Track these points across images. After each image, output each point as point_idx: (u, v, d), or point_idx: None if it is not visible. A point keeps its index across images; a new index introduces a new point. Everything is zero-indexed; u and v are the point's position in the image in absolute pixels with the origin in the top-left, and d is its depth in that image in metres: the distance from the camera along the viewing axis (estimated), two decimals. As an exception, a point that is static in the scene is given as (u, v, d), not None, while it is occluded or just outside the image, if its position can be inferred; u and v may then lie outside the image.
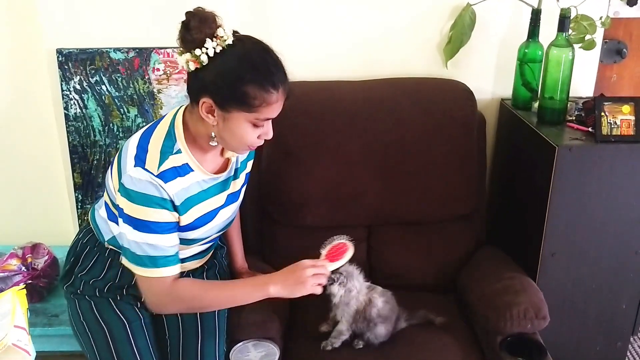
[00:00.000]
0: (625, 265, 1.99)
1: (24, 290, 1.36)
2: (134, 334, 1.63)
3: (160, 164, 1.49)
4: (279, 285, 1.56)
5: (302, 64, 2.14)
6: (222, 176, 1.65)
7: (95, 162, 2.18)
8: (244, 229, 2.02)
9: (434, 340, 1.84)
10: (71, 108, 2.12)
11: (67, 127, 2.14)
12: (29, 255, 2.06)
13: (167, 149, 1.51)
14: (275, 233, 2.13)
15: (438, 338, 1.85)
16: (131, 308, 1.69)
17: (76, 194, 2.22)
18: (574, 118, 2.01)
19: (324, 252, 1.67)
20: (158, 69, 2.10)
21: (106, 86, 2.10)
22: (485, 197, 2.23)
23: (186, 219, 1.57)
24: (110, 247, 1.68)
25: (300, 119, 2.02)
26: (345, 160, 2.05)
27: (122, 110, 2.13)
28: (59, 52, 2.05)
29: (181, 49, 1.45)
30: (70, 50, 2.06)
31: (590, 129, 1.90)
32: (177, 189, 1.52)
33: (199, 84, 1.45)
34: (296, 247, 2.08)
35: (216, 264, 1.86)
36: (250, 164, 1.79)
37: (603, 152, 1.84)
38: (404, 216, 2.12)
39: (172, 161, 1.51)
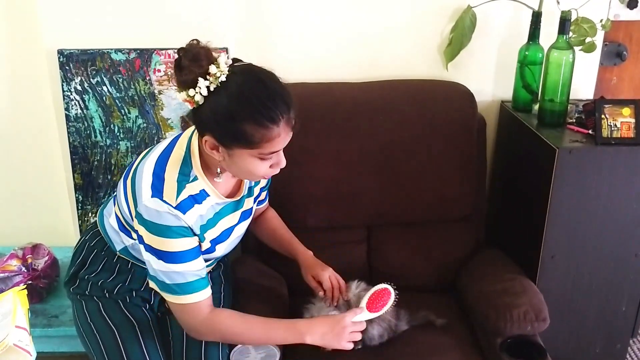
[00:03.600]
0: (625, 267, 1.99)
1: (25, 290, 1.36)
2: (143, 335, 1.63)
3: (178, 194, 1.46)
4: (317, 337, 1.58)
5: (302, 66, 2.16)
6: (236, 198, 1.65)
7: (95, 163, 2.18)
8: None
9: (434, 341, 1.84)
10: (72, 109, 2.12)
11: (67, 128, 2.14)
12: (29, 255, 2.06)
13: (184, 177, 1.49)
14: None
15: (438, 339, 1.85)
16: (140, 309, 1.69)
17: (77, 195, 2.22)
18: (574, 120, 2.01)
19: (365, 298, 1.68)
20: (159, 70, 2.10)
21: (107, 87, 2.10)
22: (485, 198, 2.23)
23: (204, 245, 1.57)
24: (122, 256, 1.68)
25: (300, 121, 2.02)
26: (345, 161, 2.05)
27: (123, 111, 2.13)
28: (60, 52, 2.05)
29: (177, 87, 1.42)
30: (72, 51, 2.06)
31: (590, 132, 1.90)
32: (194, 217, 1.50)
33: (199, 122, 1.43)
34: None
35: (221, 265, 1.87)
36: (264, 180, 1.78)
37: (603, 155, 1.84)
38: (403, 217, 2.12)
39: (189, 190, 1.49)
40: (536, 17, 2.02)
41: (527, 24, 2.06)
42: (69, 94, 2.10)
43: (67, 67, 2.07)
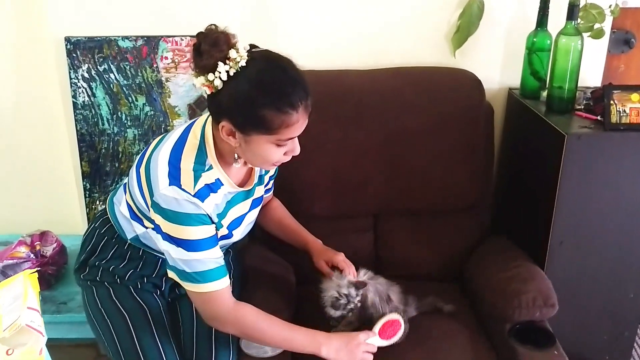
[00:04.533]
0: (633, 254, 1.98)
1: (36, 274, 1.36)
2: (154, 321, 1.63)
3: (195, 183, 1.46)
4: (332, 352, 1.58)
5: (308, 53, 2.14)
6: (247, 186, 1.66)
7: (103, 150, 2.18)
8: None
9: (442, 327, 1.85)
10: (79, 96, 2.12)
11: (75, 116, 2.14)
12: (38, 242, 2.06)
13: (199, 166, 1.48)
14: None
15: (446, 325, 1.86)
16: (151, 295, 1.70)
17: (84, 183, 2.23)
18: (582, 107, 2.00)
19: (378, 325, 1.69)
20: (166, 57, 2.10)
21: (114, 74, 2.10)
22: (492, 186, 2.23)
23: (221, 232, 1.57)
24: (133, 244, 1.68)
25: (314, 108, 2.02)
26: (351, 149, 2.05)
27: (130, 98, 2.13)
28: (67, 40, 2.05)
29: (195, 72, 1.41)
30: (79, 39, 2.06)
31: (599, 118, 1.89)
32: (212, 206, 1.50)
33: (217, 107, 1.43)
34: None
35: (230, 252, 1.87)
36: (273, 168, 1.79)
37: (612, 140, 1.84)
38: (410, 205, 2.12)
39: (205, 179, 1.49)
40: (544, 4, 2.01)
41: (535, 11, 2.05)
42: (76, 81, 2.10)
43: (74, 55, 2.07)
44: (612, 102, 1.84)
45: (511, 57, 2.19)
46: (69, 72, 2.09)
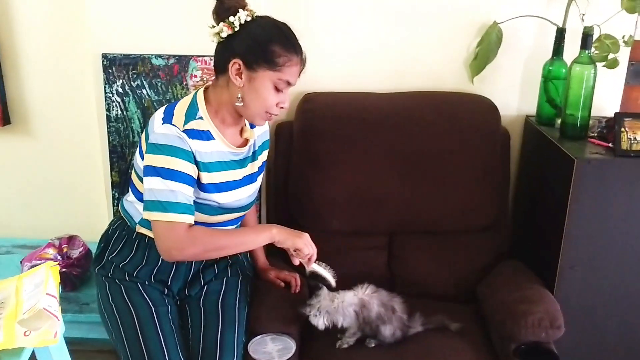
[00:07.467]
0: (644, 280, 1.99)
1: (57, 266, 1.46)
2: (160, 317, 1.72)
3: (185, 123, 1.64)
4: (282, 231, 1.74)
5: (331, 77, 2.23)
6: (241, 153, 1.78)
7: (133, 162, 2.28)
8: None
9: (448, 344, 1.87)
10: (113, 110, 2.24)
11: (108, 128, 2.26)
12: (65, 245, 2.16)
13: (191, 114, 1.67)
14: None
15: (452, 342, 1.88)
16: (159, 294, 1.79)
17: (113, 192, 2.33)
18: (596, 134, 2.03)
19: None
20: (195, 76, 2.21)
21: (146, 90, 2.22)
22: (508, 210, 2.26)
23: (206, 178, 1.69)
24: (141, 229, 1.79)
25: (328, 127, 2.11)
26: (369, 168, 2.11)
27: (160, 113, 2.24)
28: (104, 56, 2.18)
29: (214, 24, 1.64)
30: (115, 55, 2.18)
31: (610, 145, 1.92)
32: (199, 146, 1.65)
33: (229, 50, 1.63)
34: (319, 251, 2.15)
35: (241, 259, 1.95)
36: (265, 153, 1.92)
37: (622, 166, 1.87)
38: (426, 225, 2.17)
39: (195, 125, 1.66)
40: (560, 34, 2.07)
41: (552, 40, 2.11)
42: (111, 95, 2.22)
43: (110, 70, 2.19)
44: (623, 129, 1.87)
45: (528, 85, 2.24)
46: (104, 87, 2.21)
